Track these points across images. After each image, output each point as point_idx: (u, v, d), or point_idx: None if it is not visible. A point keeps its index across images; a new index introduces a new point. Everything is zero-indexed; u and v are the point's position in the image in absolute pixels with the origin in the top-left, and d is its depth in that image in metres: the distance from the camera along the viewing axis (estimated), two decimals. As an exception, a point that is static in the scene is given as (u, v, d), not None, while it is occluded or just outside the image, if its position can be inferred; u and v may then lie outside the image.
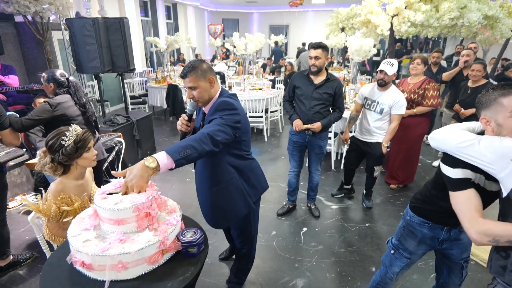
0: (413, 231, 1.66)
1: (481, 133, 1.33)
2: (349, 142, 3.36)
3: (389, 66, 2.85)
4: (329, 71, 2.88)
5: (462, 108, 3.61)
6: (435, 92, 3.37)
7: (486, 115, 1.26)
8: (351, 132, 3.38)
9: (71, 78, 2.62)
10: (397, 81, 3.80)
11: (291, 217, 3.30)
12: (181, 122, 1.82)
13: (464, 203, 1.26)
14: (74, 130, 1.75)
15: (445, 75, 4.37)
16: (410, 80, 3.54)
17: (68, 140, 1.71)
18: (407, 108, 3.40)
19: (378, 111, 2.99)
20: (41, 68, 5.64)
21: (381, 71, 2.89)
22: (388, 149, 3.09)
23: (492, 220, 1.19)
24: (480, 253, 2.67)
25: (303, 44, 12.89)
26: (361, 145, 3.21)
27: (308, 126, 2.83)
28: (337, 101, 2.86)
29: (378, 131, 3.06)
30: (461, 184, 1.28)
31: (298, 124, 2.85)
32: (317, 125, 2.81)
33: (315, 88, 2.81)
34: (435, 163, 4.26)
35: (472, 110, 3.51)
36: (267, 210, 3.40)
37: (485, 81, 3.50)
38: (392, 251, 1.78)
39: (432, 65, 4.76)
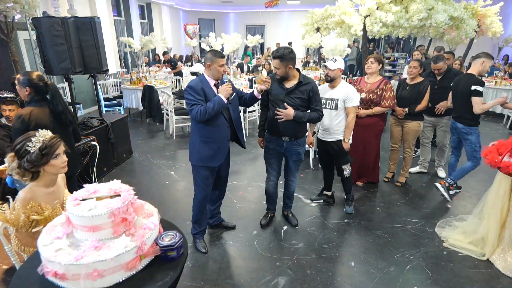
0: None
1: None
2: (313, 145, 3.38)
3: (332, 62, 2.98)
4: (302, 73, 2.74)
5: (402, 110, 3.65)
6: (392, 93, 3.50)
7: None
8: (314, 133, 3.41)
9: (50, 82, 2.45)
10: (354, 79, 3.88)
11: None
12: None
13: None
14: (42, 136, 1.65)
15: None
16: (367, 79, 3.62)
17: (34, 146, 1.61)
18: (365, 108, 3.51)
19: (333, 107, 3.06)
20: (6, 70, 5.36)
21: (325, 67, 3.02)
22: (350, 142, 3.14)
23: None
24: (459, 243, 2.80)
25: (278, 44, 13.09)
26: (324, 145, 3.23)
27: (279, 110, 2.62)
28: (312, 104, 2.68)
29: (337, 128, 3.10)
30: None
31: (259, 142, 3.03)
32: (288, 110, 2.59)
33: (287, 93, 2.66)
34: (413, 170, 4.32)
35: (404, 109, 3.63)
36: (248, 210, 3.40)
37: (422, 78, 3.67)
38: None
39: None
